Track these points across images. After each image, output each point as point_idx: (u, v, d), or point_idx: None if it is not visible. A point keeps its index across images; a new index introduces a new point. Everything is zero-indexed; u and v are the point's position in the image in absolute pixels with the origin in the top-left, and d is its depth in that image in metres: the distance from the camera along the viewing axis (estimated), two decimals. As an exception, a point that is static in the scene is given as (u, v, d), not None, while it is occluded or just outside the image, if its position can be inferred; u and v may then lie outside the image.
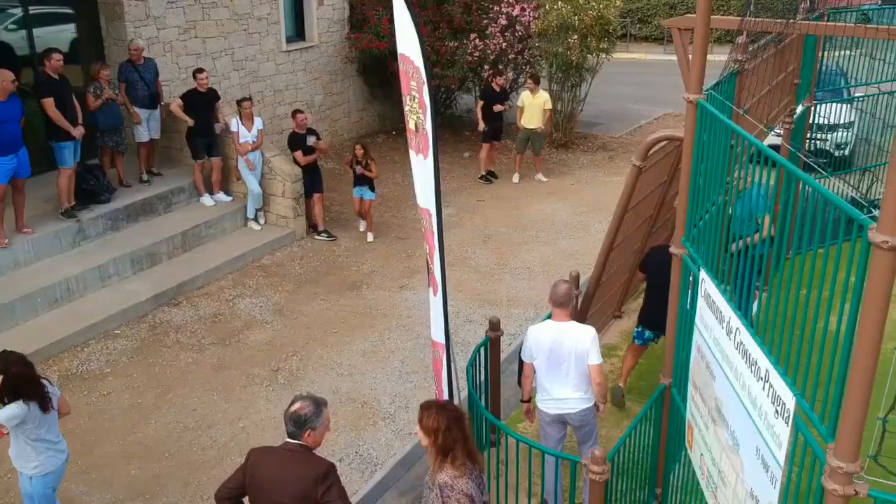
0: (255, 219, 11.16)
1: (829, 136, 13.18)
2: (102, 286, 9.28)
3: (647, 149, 6.86)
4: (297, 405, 4.27)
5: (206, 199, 11.09)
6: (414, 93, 5.22)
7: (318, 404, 4.29)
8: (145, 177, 10.97)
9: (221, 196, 11.23)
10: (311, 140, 11.10)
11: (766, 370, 3.88)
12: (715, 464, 4.72)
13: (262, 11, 13.46)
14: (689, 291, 5.38)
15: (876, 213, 3.00)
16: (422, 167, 5.19)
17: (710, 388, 4.80)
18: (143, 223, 10.35)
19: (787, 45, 7.97)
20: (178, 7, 11.95)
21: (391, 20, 14.27)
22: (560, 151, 15.63)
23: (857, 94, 12.72)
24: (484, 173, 14.03)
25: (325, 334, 8.80)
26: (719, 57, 7.24)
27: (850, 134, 13.49)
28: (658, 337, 7.23)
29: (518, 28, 14.96)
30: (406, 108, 5.49)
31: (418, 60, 4.97)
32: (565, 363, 5.65)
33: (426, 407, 4.32)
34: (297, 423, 4.22)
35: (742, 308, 4.42)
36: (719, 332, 4.63)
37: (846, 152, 13.41)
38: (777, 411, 3.75)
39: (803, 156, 10.27)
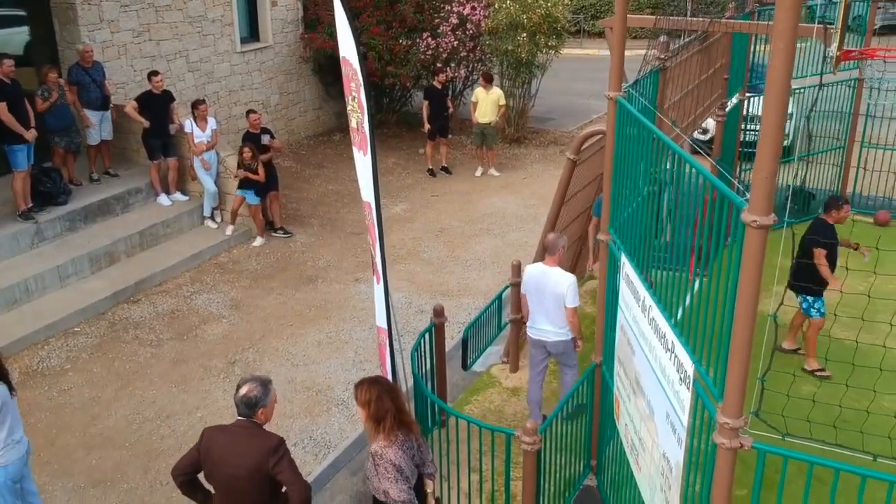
0: (212, 217, 11.39)
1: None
2: (61, 286, 9.46)
3: (580, 143, 7.27)
4: (245, 388, 4.57)
5: (163, 199, 11.29)
6: (353, 93, 5.54)
7: (265, 384, 4.61)
8: (95, 175, 11.14)
9: (178, 196, 11.44)
10: (265, 139, 11.35)
11: (672, 342, 4.28)
12: (636, 432, 5.13)
13: (215, 13, 13.66)
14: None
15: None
16: (362, 163, 5.52)
17: (630, 362, 5.20)
18: (100, 223, 10.53)
19: (713, 42, 8.40)
20: (132, 10, 12.12)
21: (342, 21, 14.30)
22: (512, 146, 16.04)
23: (795, 87, 13.32)
24: (430, 167, 14.42)
25: (280, 327, 9.09)
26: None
27: (789, 125, 14.08)
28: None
29: (469, 26, 15.33)
30: (348, 108, 5.81)
31: (355, 63, 5.30)
32: (546, 301, 6.65)
33: (359, 383, 4.68)
34: (249, 405, 4.53)
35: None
36: (637, 311, 5.03)
37: (786, 143, 13.96)
38: (681, 378, 4.15)
39: (696, 146, 10.78)
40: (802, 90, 12.59)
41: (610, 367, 5.93)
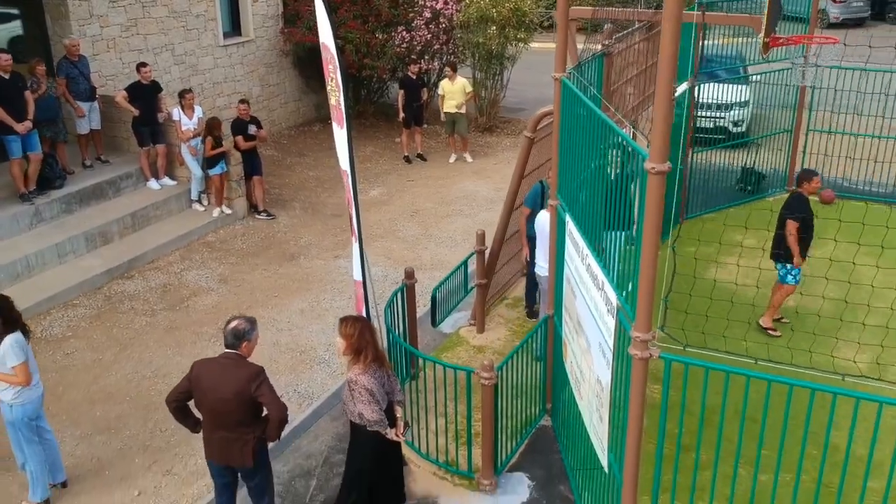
0: (199, 200, 12.07)
1: (726, 114, 14.61)
2: (60, 263, 10.13)
3: (536, 121, 8.05)
4: (234, 323, 5.34)
5: (153, 184, 11.97)
6: (332, 75, 6.29)
7: (251, 321, 5.38)
8: (88, 162, 11.80)
9: (166, 180, 12.11)
10: (251, 129, 12.03)
11: (602, 280, 5.07)
12: (578, 366, 5.92)
13: (199, 8, 14.32)
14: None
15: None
16: (339, 135, 6.27)
17: (573, 306, 6.00)
18: (94, 206, 11.19)
19: (660, 30, 9.19)
20: (120, 6, 12.77)
21: (321, 15, 14.96)
22: (485, 135, 16.82)
23: (752, 75, 14.34)
24: (406, 155, 15.18)
25: (266, 298, 9.81)
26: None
27: (745, 111, 14.96)
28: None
29: (442, 20, 16.08)
30: (328, 88, 6.56)
31: (332, 48, 6.05)
32: (545, 242, 7.59)
33: (343, 319, 5.45)
34: (237, 336, 5.28)
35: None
36: (578, 262, 5.82)
37: (743, 129, 14.80)
38: (608, 309, 4.94)
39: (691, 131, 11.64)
40: (757, 76, 13.54)
41: (560, 317, 6.72)
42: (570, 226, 6.08)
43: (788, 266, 8.58)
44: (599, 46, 7.34)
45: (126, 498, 6.50)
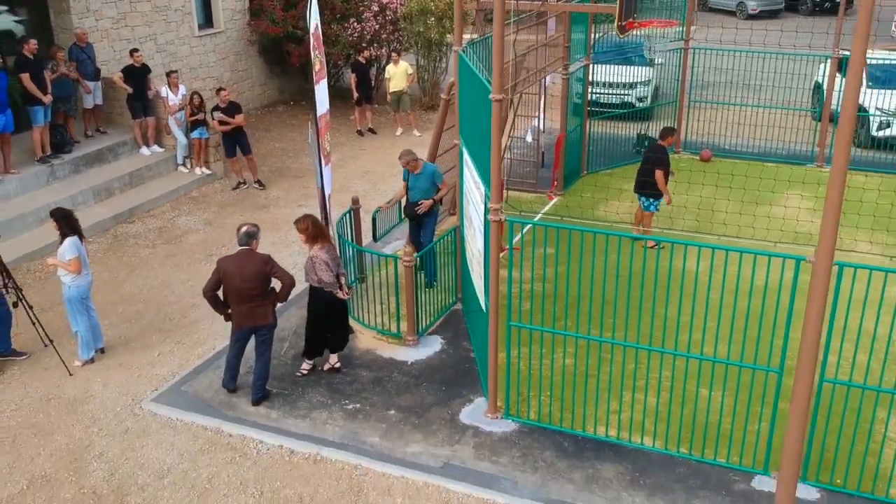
0: (184, 164, 14.44)
1: (631, 91, 17.30)
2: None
3: (450, 87, 10.58)
4: (245, 227, 7.75)
5: (144, 151, 14.31)
6: (316, 43, 8.83)
7: (256, 226, 7.82)
8: (89, 133, 14.12)
9: (156, 148, 14.46)
10: (216, 114, 14.17)
11: (478, 180, 7.62)
12: (470, 250, 8.48)
13: (177, 3, 16.64)
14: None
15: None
16: (320, 86, 8.79)
17: (468, 210, 8.55)
18: (97, 168, 13.52)
19: (554, 16, 11.79)
20: (111, 1, 15.07)
21: (284, 8, 17.63)
22: (428, 112, 19.34)
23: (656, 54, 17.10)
24: (359, 129, 17.66)
25: (244, 235, 12.24)
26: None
27: (648, 89, 17.67)
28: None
29: (388, 13, 18.57)
30: (314, 56, 8.99)
31: (316, 28, 8.60)
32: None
33: (296, 220, 7.93)
34: (249, 236, 7.71)
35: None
36: (469, 178, 8.38)
37: (647, 104, 17.49)
38: (481, 198, 7.49)
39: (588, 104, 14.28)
40: (660, 60, 16.27)
41: (463, 225, 9.27)
42: (466, 156, 8.63)
43: (652, 199, 11.23)
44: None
45: (149, 357, 8.95)
